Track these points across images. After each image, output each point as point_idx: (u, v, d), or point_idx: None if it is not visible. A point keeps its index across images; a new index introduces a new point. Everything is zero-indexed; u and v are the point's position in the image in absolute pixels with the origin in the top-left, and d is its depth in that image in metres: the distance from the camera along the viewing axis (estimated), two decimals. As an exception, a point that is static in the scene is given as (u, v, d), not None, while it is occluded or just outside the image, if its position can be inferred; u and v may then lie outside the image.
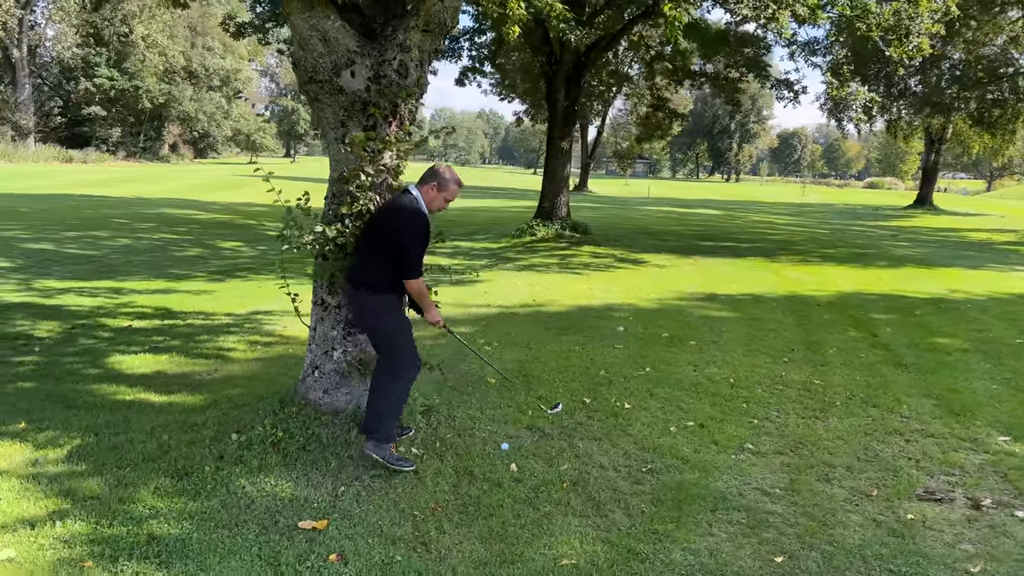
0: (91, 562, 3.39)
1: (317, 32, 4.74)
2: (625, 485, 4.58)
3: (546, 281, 12.22)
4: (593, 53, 17.90)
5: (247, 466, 4.40)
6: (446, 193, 4.64)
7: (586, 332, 8.51)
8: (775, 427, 5.73)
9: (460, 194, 4.92)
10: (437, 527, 3.90)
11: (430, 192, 4.59)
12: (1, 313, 8.39)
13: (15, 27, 59.64)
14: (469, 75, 22.96)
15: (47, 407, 5.37)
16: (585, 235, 18.63)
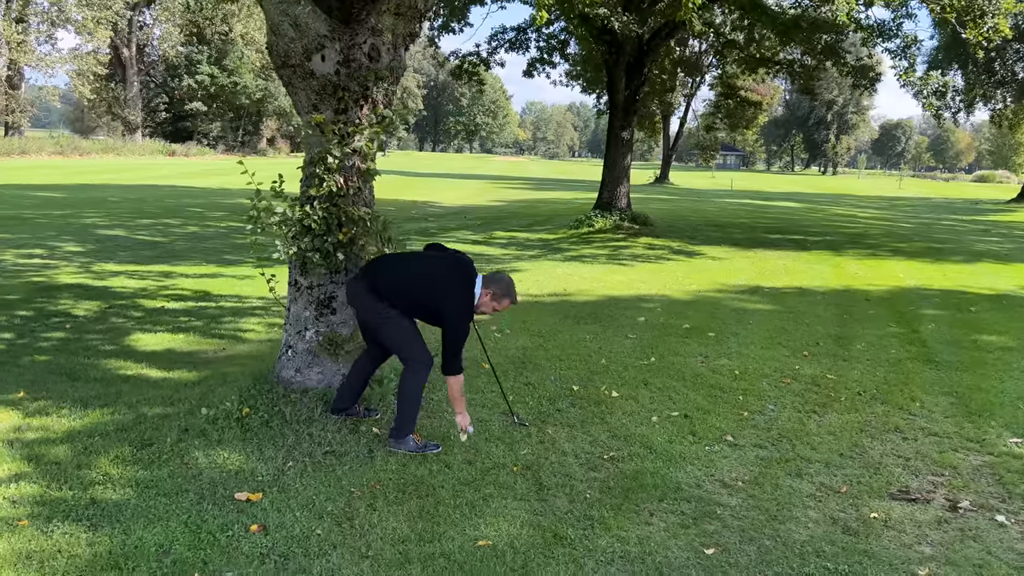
0: (27, 521, 3.58)
1: (288, 17, 4.83)
2: (579, 472, 4.51)
3: (586, 271, 12.11)
4: (655, 41, 17.58)
5: (207, 439, 4.55)
6: (497, 304, 4.68)
7: (605, 322, 8.40)
8: (764, 421, 5.53)
9: (531, 185, 4.97)
10: (369, 504, 3.94)
11: (487, 295, 4.62)
12: (50, 292, 8.91)
13: (125, 28, 63.06)
14: (537, 66, 22.93)
15: (50, 379, 5.69)
16: (644, 226, 18.35)
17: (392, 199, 25.61)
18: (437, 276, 4.66)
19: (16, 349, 6.50)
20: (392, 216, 20.69)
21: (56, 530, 3.52)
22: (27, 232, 14.20)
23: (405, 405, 4.57)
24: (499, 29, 22.49)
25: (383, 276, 4.60)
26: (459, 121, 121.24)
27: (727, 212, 26.58)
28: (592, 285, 10.78)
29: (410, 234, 16.90)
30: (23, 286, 9.27)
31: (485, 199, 28.79)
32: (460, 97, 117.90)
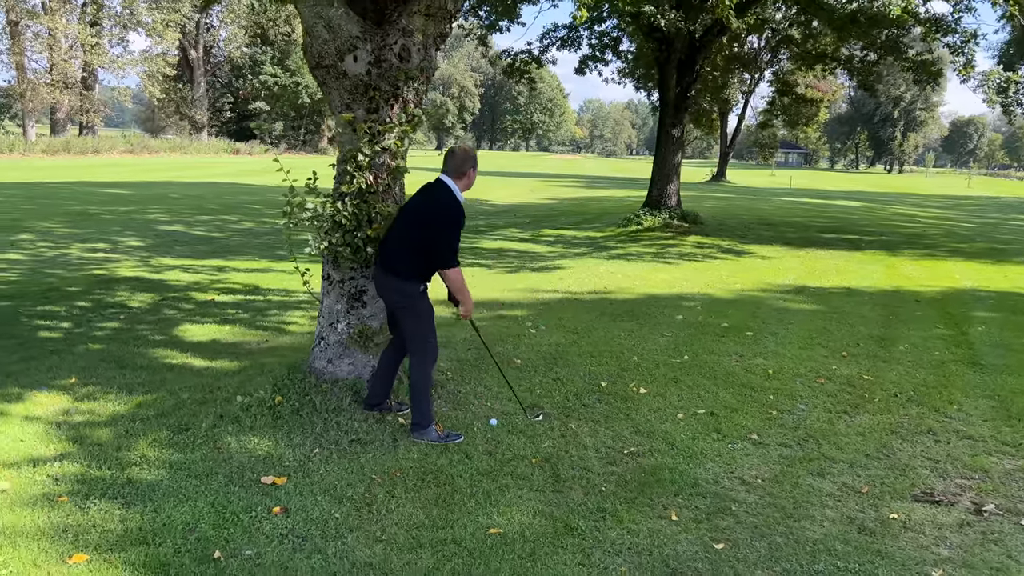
0: (66, 497, 3.81)
1: (321, 19, 5.00)
2: (598, 465, 4.57)
3: (629, 270, 12.10)
4: (707, 38, 17.40)
5: (240, 425, 4.74)
6: (469, 179, 4.75)
7: (642, 319, 8.41)
8: (793, 420, 5.50)
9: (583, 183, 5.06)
10: (388, 491, 4.07)
11: (459, 181, 4.69)
12: (109, 285, 9.31)
13: (193, 30, 64.96)
14: (589, 63, 22.91)
15: (101, 366, 5.98)
16: (694, 225, 18.19)
17: (444, 197, 25.84)
18: (414, 203, 4.75)
19: (72, 338, 6.84)
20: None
21: (92, 506, 3.74)
22: (93, 227, 14.82)
23: (416, 397, 4.73)
24: (551, 27, 22.55)
25: (387, 248, 4.76)
26: (516, 119, 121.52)
27: (782, 211, 26.13)
28: (633, 283, 10.78)
29: (459, 231, 17.06)
30: (84, 278, 9.70)
31: (536, 197, 28.86)
32: (517, 95, 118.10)
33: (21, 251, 11.70)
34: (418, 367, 4.74)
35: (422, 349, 4.73)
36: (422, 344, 4.73)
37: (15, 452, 4.33)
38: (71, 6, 56.27)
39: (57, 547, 3.37)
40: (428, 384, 4.76)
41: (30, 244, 12.38)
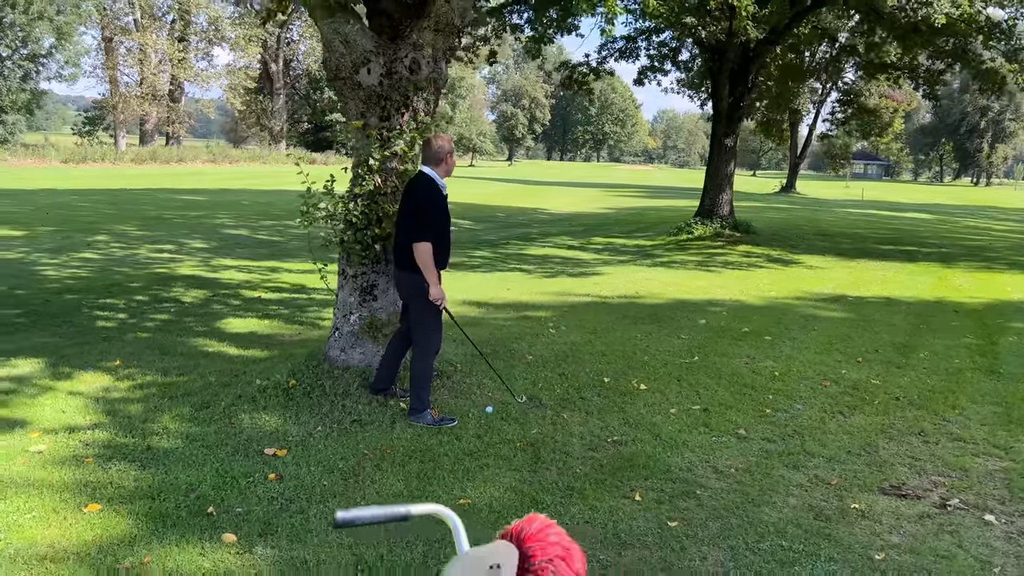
0: (91, 459, 4.31)
1: (339, 35, 5.45)
2: (579, 451, 4.86)
3: (667, 276, 12.26)
4: (760, 48, 17.40)
5: (255, 404, 5.21)
6: (452, 159, 5.12)
7: (663, 323, 8.62)
8: (785, 418, 5.67)
9: (647, 193, 5.38)
10: (376, 465, 4.46)
11: (448, 163, 5.07)
12: (167, 282, 10.02)
13: (274, 44, 67.50)
14: (648, 74, 23.08)
15: (144, 352, 6.56)
16: (746, 234, 18.14)
17: (503, 206, 26.38)
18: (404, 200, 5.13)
19: (125, 327, 7.47)
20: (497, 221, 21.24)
21: (112, 467, 4.23)
22: (164, 230, 15.76)
23: (415, 384, 5.09)
24: (608, 38, 22.83)
25: (397, 246, 5.15)
26: (587, 130, 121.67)
27: (844, 222, 25.68)
28: (666, 289, 10.96)
29: (510, 238, 17.50)
30: (147, 276, 10.45)
31: (596, 206, 29.07)
32: (588, 106, 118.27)
33: (96, 251, 12.60)
34: (420, 357, 5.11)
35: (425, 339, 5.11)
36: (425, 334, 5.10)
37: (56, 421, 4.88)
38: (161, 23, 59.19)
39: (76, 498, 3.86)
40: (428, 373, 5.13)
41: (104, 245, 13.31)
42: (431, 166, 5.05)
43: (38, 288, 9.19)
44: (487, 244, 16.19)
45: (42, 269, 10.58)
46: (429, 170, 5.04)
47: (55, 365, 6.02)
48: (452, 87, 76.51)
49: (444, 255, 5.13)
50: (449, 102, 76.86)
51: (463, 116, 79.40)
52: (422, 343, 5.16)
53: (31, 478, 4.06)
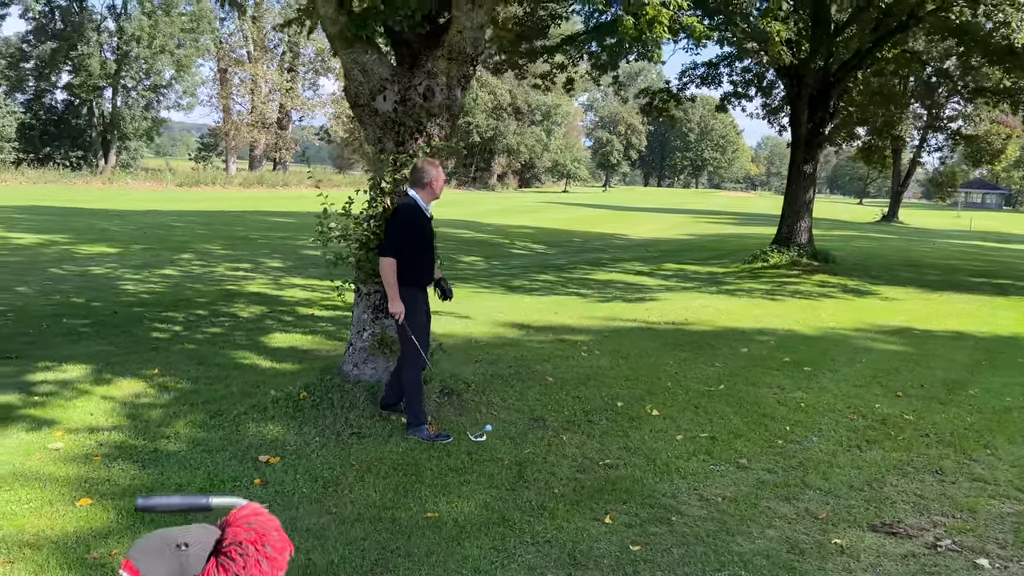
0: (99, 458, 4.64)
1: (357, 64, 5.73)
2: (565, 472, 4.88)
3: (725, 304, 12.04)
4: (841, 72, 16.93)
5: (264, 414, 5.46)
6: (438, 181, 5.29)
7: (702, 350, 8.49)
8: (795, 450, 5.52)
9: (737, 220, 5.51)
10: (359, 475, 4.61)
11: (432, 187, 5.26)
12: (232, 298, 10.56)
13: (375, 74, 69.98)
14: (732, 100, 22.79)
15: (184, 362, 6.96)
16: (824, 263, 17.57)
17: (583, 231, 26.41)
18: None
19: (177, 339, 7.94)
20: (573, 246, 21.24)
21: (115, 466, 4.54)
22: (247, 250, 16.58)
23: (407, 398, 5.26)
24: (689, 65, 22.68)
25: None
26: (685, 156, 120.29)
27: (939, 253, 24.48)
28: (718, 316, 10.76)
29: (579, 263, 17.55)
30: (216, 292, 11.04)
31: (678, 232, 28.74)
32: (687, 132, 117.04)
33: (177, 268, 13.39)
34: (407, 371, 5.28)
35: (410, 354, 5.26)
36: (408, 349, 5.27)
37: (81, 421, 5.26)
38: (271, 55, 62.34)
39: (73, 492, 4.17)
40: (415, 386, 5.28)
41: (186, 263, 14.12)
42: (416, 189, 5.25)
43: (112, 301, 9.87)
44: (554, 268, 16.29)
45: (122, 283, 11.34)
46: (413, 192, 5.24)
47: (99, 371, 6.47)
48: (548, 114, 77.34)
49: (418, 272, 5.31)
50: (544, 129, 77.67)
51: (558, 143, 79.94)
52: (408, 357, 5.34)
53: (40, 472, 4.40)
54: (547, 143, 78.63)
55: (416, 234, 5.26)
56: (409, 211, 5.22)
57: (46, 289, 10.49)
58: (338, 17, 5.56)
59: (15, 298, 9.76)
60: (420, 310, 5.36)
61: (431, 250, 5.41)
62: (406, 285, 5.28)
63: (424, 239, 5.30)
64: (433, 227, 5.43)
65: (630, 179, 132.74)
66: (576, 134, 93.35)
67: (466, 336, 8.74)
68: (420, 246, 5.28)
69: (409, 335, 5.24)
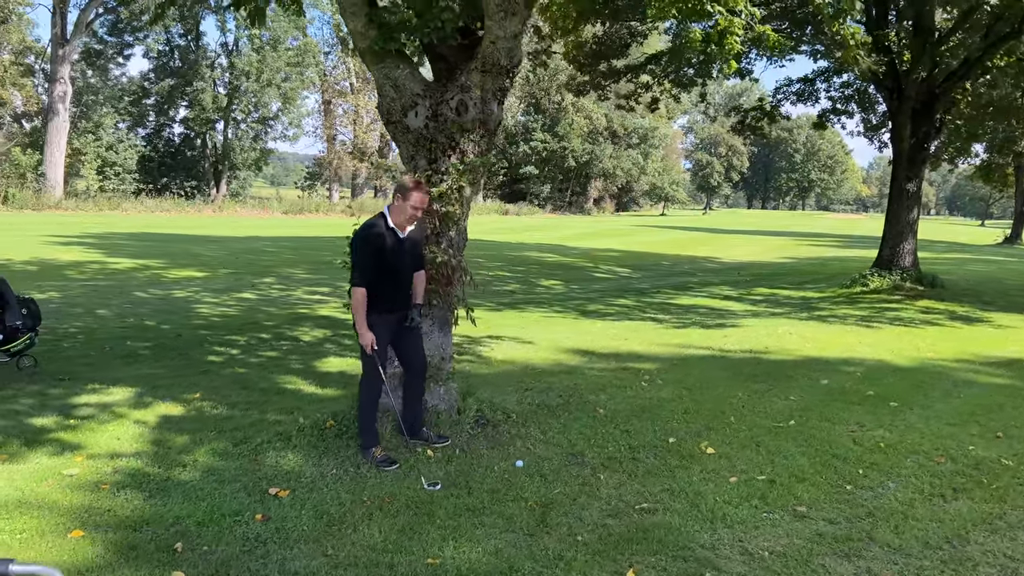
0: (108, 486, 4.51)
1: (389, 80, 5.51)
2: (595, 516, 4.42)
3: (812, 332, 11.21)
4: (947, 83, 15.77)
5: (287, 442, 5.25)
6: (411, 201, 4.92)
7: (776, 381, 7.83)
8: (865, 497, 4.88)
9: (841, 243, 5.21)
10: (368, 513, 4.30)
11: (397, 202, 4.96)
12: (299, 321, 10.56)
13: (473, 101, 71.03)
14: (831, 117, 21.76)
15: (229, 386, 6.88)
16: (931, 288, 16.29)
17: (671, 254, 25.66)
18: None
19: (230, 362, 7.91)
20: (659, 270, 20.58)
21: (121, 495, 4.39)
22: (329, 274, 16.73)
23: (359, 415, 5.15)
24: (784, 82, 21.81)
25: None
26: (791, 178, 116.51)
27: (1069, 277, 22.46)
28: (802, 345, 10.00)
29: (663, 287, 16.93)
30: (285, 315, 11.09)
31: (776, 256, 27.53)
32: (793, 153, 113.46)
33: (256, 291, 13.61)
34: (362, 389, 5.15)
35: (363, 380, 5.15)
36: (364, 367, 5.12)
37: (106, 446, 5.18)
38: (373, 85, 64.11)
39: (69, 523, 4.03)
40: (367, 409, 5.09)
41: (267, 286, 14.35)
42: (389, 206, 5.04)
43: (182, 323, 10.01)
44: (635, 293, 15.73)
45: (199, 307, 11.55)
46: (385, 211, 5.04)
47: (142, 395, 6.45)
48: (644, 137, 76.44)
49: (383, 299, 5.01)
50: (641, 152, 76.75)
51: (655, 166, 78.85)
52: (363, 377, 5.17)
53: (46, 499, 4.30)
54: (644, 166, 77.63)
55: (379, 256, 4.96)
56: (373, 230, 4.97)
57: (125, 312, 10.77)
58: (367, 31, 5.37)
59: (93, 320, 10.04)
60: (383, 335, 5.06)
61: (397, 275, 5.07)
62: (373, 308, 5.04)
63: (386, 265, 4.98)
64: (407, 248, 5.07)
65: (733, 201, 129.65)
66: (675, 156, 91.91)
67: (524, 363, 8.38)
68: (382, 272, 4.98)
69: (371, 356, 4.99)
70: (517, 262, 21.85)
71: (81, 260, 16.75)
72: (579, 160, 72.04)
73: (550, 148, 70.57)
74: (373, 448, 5.04)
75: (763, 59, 18.91)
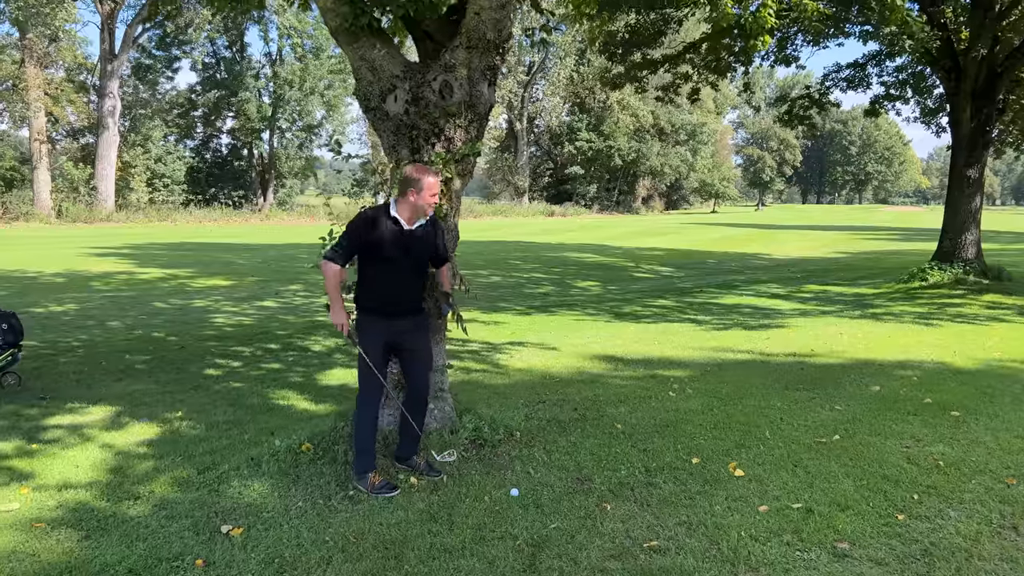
0: (44, 524, 4.00)
1: (365, 62, 4.94)
2: (593, 559, 3.75)
3: (863, 331, 10.31)
4: (1009, 61, 14.62)
5: (256, 469, 4.70)
6: (429, 191, 4.34)
7: (822, 389, 7.03)
8: (921, 531, 4.11)
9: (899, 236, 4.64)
10: (326, 558, 3.70)
11: (410, 198, 4.36)
12: (314, 330, 10.08)
13: (518, 104, 70.53)
14: (884, 103, 20.59)
15: (218, 403, 6.38)
16: (997, 281, 15.15)
17: (718, 251, 24.70)
18: None
19: (227, 376, 7.43)
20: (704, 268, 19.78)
21: (53, 536, 3.87)
22: (358, 280, 16.32)
23: (354, 437, 4.55)
24: (832, 68, 20.73)
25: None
26: (846, 171, 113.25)
27: None
28: (853, 347, 9.13)
29: (707, 286, 16.11)
30: (301, 324, 10.62)
31: (828, 251, 26.33)
32: (848, 145, 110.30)
33: (279, 300, 13.21)
34: (356, 414, 4.57)
35: (359, 395, 4.57)
36: (360, 388, 4.57)
37: (59, 475, 4.70)
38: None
39: (-17, 569, 3.52)
40: (362, 435, 4.49)
41: (291, 294, 13.96)
42: (396, 198, 4.41)
43: (191, 335, 9.61)
44: (676, 292, 14.94)
45: (214, 317, 11.17)
46: (392, 202, 4.44)
47: (120, 415, 5.98)
48: (693, 134, 74.88)
49: (375, 294, 4.45)
50: (690, 149, 75.23)
51: (704, 163, 77.25)
52: (358, 398, 4.60)
53: (-32, 541, 3.81)
54: (693, 163, 76.07)
55: (366, 247, 4.37)
56: (366, 214, 4.39)
57: (137, 323, 10.44)
58: (338, 7, 4.80)
59: (101, 333, 9.71)
60: (377, 340, 4.44)
61: (395, 272, 4.45)
62: (362, 309, 4.53)
63: (380, 257, 4.38)
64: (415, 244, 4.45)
65: (787, 197, 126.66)
66: (725, 152, 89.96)
67: (542, 371, 7.73)
68: (378, 264, 4.40)
69: (366, 364, 4.41)
70: (554, 263, 21.17)
71: (111, 271, 16.63)
72: (625, 159, 70.87)
73: (595, 147, 69.59)
74: (370, 473, 4.45)
75: (808, 45, 17.97)
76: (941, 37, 13.69)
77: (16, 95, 39.01)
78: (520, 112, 71.32)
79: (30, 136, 39.78)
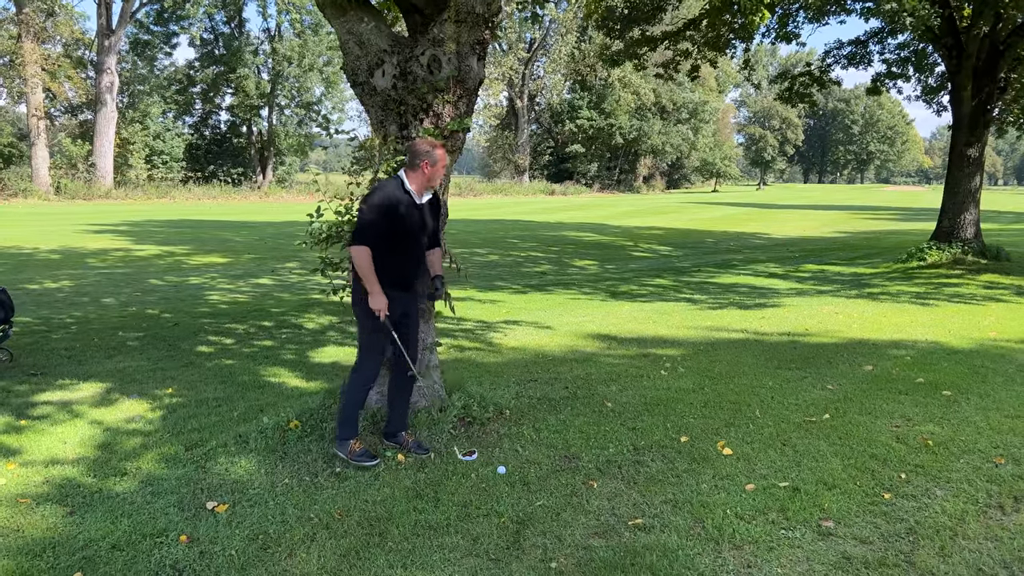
0: (30, 500, 4.01)
1: (352, 36, 4.88)
2: (577, 536, 3.76)
3: (859, 311, 10.29)
4: (1012, 38, 14.47)
5: (243, 446, 4.70)
6: (442, 162, 4.38)
7: (814, 368, 7.02)
8: (906, 509, 4.11)
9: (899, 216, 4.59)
10: (311, 534, 3.70)
11: (424, 170, 4.34)
12: (309, 307, 10.06)
13: (519, 81, 70.05)
14: (885, 81, 20.42)
15: (208, 380, 6.38)
16: (995, 261, 15.10)
17: (717, 231, 24.64)
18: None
19: (219, 353, 7.42)
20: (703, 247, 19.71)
21: (39, 511, 3.88)
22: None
23: (342, 403, 4.56)
24: (833, 44, 20.54)
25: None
26: (848, 150, 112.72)
27: None
28: (847, 326, 9.12)
29: (704, 265, 16.07)
30: (296, 301, 10.61)
31: (827, 230, 26.26)
32: (850, 124, 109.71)
33: (274, 277, 13.19)
34: (351, 379, 4.56)
35: (358, 361, 4.56)
36: (360, 355, 4.56)
37: (47, 451, 4.70)
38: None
39: (-33, 545, 3.52)
40: (353, 401, 4.51)
41: (287, 272, 13.93)
42: (406, 170, 4.35)
43: (185, 312, 9.60)
44: (673, 272, 14.91)
45: (210, 294, 11.15)
46: (402, 174, 4.37)
47: (110, 391, 5.98)
48: (694, 112, 74.45)
49: (394, 270, 4.41)
50: (691, 127, 74.84)
51: (706, 141, 76.86)
52: (357, 364, 4.58)
53: (-46, 516, 3.81)
54: (694, 141, 75.71)
55: (394, 223, 4.33)
56: (386, 190, 4.32)
57: (131, 300, 10.42)
58: (325, -20, 4.73)
59: (96, 309, 9.70)
60: (394, 311, 4.44)
61: (414, 245, 4.45)
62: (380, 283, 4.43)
63: (402, 231, 4.36)
64: (426, 217, 4.47)
65: (788, 176, 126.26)
66: (727, 131, 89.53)
67: (535, 350, 7.72)
68: (395, 238, 4.35)
69: (363, 339, 4.49)
70: (552, 242, 21.11)
71: (107, 248, 16.60)
72: (627, 137, 70.54)
73: (596, 125, 69.21)
74: (351, 440, 4.47)
75: (810, 22, 17.79)
76: (942, 14, 13.54)
77: (13, 70, 38.82)
78: (521, 89, 70.82)
79: (28, 112, 39.58)
